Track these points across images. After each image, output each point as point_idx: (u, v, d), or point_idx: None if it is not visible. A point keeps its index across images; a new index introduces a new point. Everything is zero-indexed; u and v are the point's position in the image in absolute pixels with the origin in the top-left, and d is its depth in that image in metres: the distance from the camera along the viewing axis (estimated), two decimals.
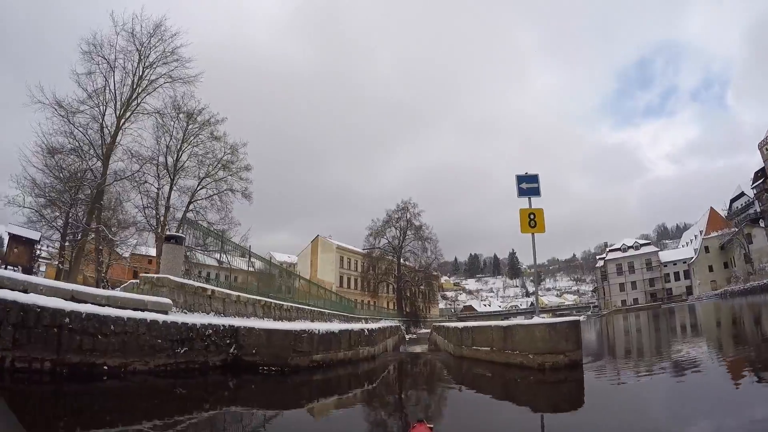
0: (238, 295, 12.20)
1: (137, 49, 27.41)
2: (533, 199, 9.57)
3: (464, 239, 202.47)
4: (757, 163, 56.52)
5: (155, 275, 9.65)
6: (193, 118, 30.75)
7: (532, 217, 9.33)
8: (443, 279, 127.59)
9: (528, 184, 9.58)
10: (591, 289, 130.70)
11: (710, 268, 64.52)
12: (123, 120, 27.12)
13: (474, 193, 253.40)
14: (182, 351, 7.32)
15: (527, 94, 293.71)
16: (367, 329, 10.89)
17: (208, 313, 10.36)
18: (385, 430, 5.28)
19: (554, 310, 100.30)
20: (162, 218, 29.57)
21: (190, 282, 9.96)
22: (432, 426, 3.83)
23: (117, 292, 9.33)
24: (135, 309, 7.48)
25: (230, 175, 32.73)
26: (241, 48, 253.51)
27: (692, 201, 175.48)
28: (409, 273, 67.87)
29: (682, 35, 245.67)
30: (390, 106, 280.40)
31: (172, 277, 9.43)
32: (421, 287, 71.14)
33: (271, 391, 7.09)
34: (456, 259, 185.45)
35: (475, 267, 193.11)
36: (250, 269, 17.52)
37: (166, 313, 8.43)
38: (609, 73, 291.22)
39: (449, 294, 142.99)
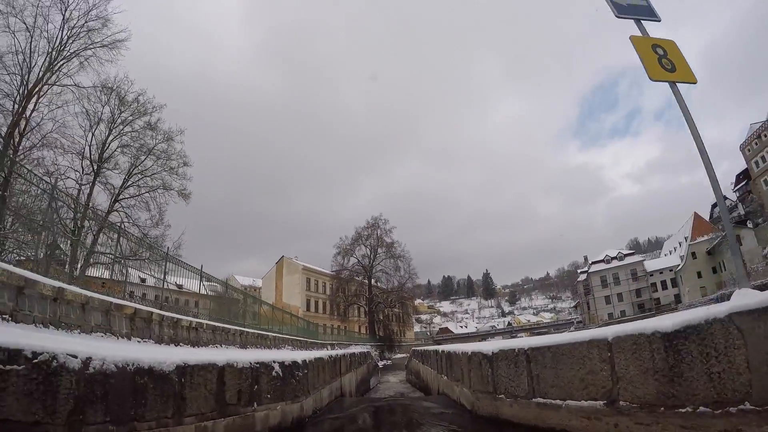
0: (85, 295, 6.35)
1: (61, 12, 22.00)
2: (647, 24, 4.74)
3: (436, 263, 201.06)
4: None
5: None
6: (124, 100, 25.29)
7: (661, 52, 4.40)
8: (417, 302, 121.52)
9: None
10: (570, 305, 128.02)
11: (699, 275, 61.39)
12: (36, 95, 21.71)
13: (443, 218, 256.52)
14: None
15: (490, 120, 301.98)
16: (281, 362, 5.10)
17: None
18: None
19: (532, 329, 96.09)
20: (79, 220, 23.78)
21: None
22: None
23: None
24: None
25: (165, 171, 26.95)
26: (208, 79, 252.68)
27: (660, 216, 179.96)
28: (381, 294, 62.03)
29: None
30: (354, 136, 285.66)
31: None
32: (395, 309, 65.55)
33: None
34: (429, 281, 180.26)
35: (448, 289, 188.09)
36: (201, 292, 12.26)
37: None
38: (573, 97, 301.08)
39: (424, 317, 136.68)
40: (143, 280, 11.74)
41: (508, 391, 4.94)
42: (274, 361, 4.92)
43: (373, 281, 60.70)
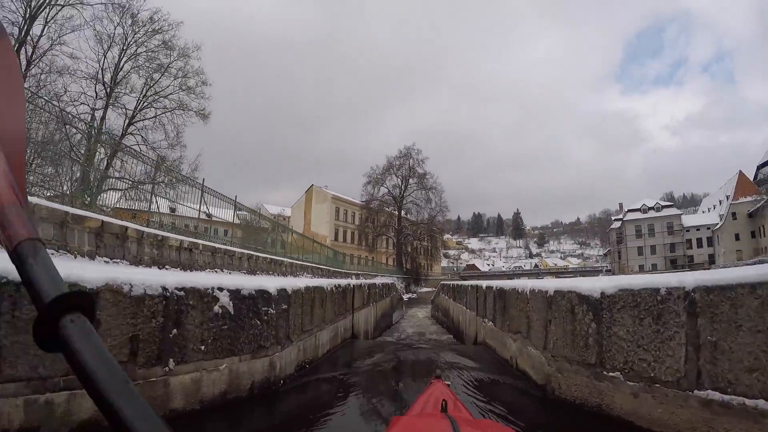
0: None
1: None
2: None
3: (465, 200, 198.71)
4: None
5: None
6: (137, 19, 23.87)
7: None
8: (446, 237, 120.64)
9: None
10: (598, 253, 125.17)
11: (737, 237, 57.73)
12: (41, 17, 20.28)
13: (472, 156, 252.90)
14: None
15: (524, 58, 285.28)
16: (235, 290, 3.20)
17: None
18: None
19: (558, 272, 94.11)
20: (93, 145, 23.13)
21: None
22: (449, 383, 3.27)
23: None
24: None
25: (182, 90, 25.65)
26: (238, 13, 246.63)
27: (696, 173, 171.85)
28: (410, 226, 60.59)
29: (694, 5, 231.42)
30: (385, 69, 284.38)
31: None
32: (424, 242, 64.25)
33: None
34: (459, 217, 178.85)
35: (478, 226, 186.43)
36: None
37: None
38: (615, 39, 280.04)
39: (452, 252, 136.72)
40: (173, 210, 10.46)
41: (631, 367, 2.91)
42: (220, 288, 3.10)
43: (403, 213, 59.15)
